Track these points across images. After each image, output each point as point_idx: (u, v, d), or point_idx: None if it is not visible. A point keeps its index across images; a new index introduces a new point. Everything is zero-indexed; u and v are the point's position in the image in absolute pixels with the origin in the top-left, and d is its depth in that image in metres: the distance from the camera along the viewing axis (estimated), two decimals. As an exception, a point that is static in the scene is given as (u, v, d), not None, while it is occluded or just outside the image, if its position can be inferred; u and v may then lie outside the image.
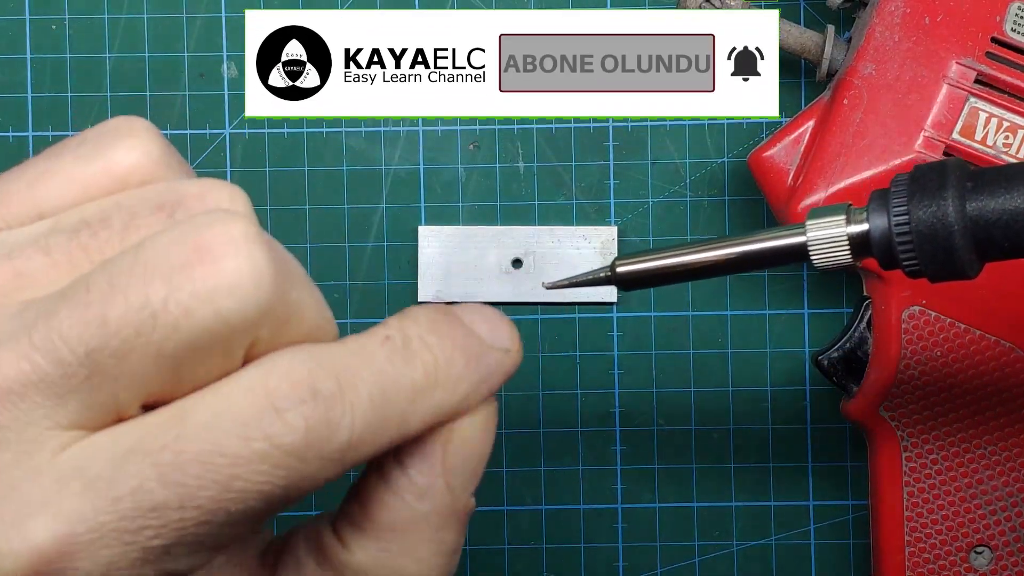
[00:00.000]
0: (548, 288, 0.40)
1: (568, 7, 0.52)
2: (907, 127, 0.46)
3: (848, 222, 0.37)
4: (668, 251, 0.38)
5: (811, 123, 0.48)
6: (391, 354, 0.31)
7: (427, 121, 0.52)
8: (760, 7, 0.50)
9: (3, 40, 0.52)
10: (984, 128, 0.46)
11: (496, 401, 0.34)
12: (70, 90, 0.52)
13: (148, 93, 0.52)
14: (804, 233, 0.37)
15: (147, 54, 0.52)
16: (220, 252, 0.28)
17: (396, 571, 0.33)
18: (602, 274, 0.38)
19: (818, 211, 0.37)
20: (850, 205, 0.37)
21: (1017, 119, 0.46)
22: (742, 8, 0.48)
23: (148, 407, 0.30)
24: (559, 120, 0.53)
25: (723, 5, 0.48)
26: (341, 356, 0.31)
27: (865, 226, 0.36)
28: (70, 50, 0.52)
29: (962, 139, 0.46)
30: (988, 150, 0.46)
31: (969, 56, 0.46)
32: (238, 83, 0.52)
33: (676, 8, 0.48)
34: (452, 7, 0.52)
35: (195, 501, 0.29)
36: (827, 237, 0.37)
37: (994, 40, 0.46)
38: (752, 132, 0.52)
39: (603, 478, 0.53)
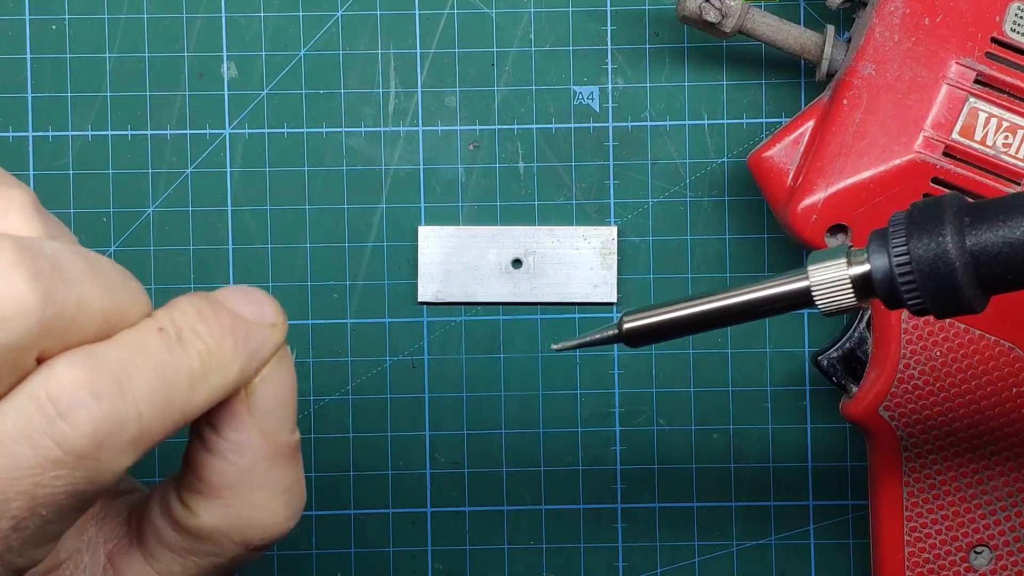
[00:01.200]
0: (556, 349, 0.40)
1: (566, 6, 0.52)
2: (907, 127, 0.46)
3: (849, 264, 0.37)
4: (674, 305, 0.38)
5: (811, 123, 0.48)
6: (167, 345, 0.33)
7: (427, 121, 0.53)
8: (760, 7, 0.50)
9: (3, 40, 0.52)
10: (984, 128, 0.46)
11: (283, 323, 0.36)
12: (70, 90, 0.52)
13: (148, 93, 0.52)
14: (807, 278, 0.37)
15: (147, 54, 0.52)
16: None
17: (244, 522, 0.36)
18: (610, 332, 0.39)
19: (818, 255, 0.37)
20: (850, 247, 0.37)
21: (1017, 119, 0.46)
22: (742, 9, 0.48)
23: None
24: (559, 120, 0.53)
25: (723, 6, 0.48)
26: (118, 353, 0.32)
27: (867, 267, 0.36)
28: (70, 50, 0.52)
29: (961, 139, 0.46)
30: (988, 150, 0.46)
31: (969, 56, 0.46)
32: (238, 83, 0.52)
33: (676, 9, 0.48)
34: (452, 8, 0.52)
35: (8, 513, 0.31)
36: (829, 281, 0.37)
37: (994, 40, 0.46)
38: (752, 132, 0.52)
39: (603, 478, 0.53)
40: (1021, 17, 0.46)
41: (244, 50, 0.52)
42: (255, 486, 0.36)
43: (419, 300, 0.52)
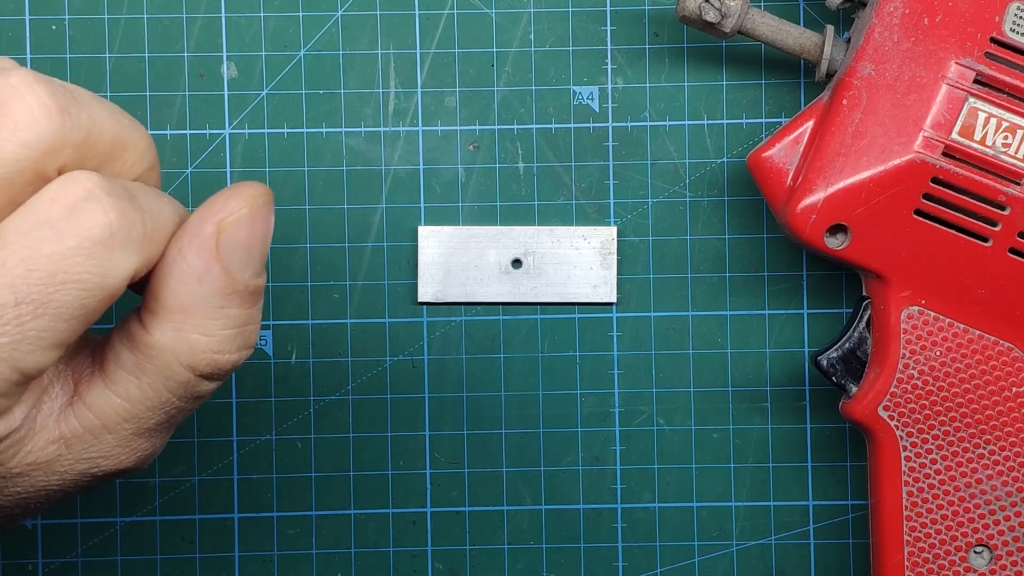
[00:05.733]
0: None
1: (566, 6, 0.52)
2: (906, 127, 0.46)
3: None
4: None
5: (810, 123, 0.48)
6: (147, 186, 0.38)
7: (427, 121, 0.53)
8: (760, 7, 0.50)
9: (3, 40, 0.52)
10: (983, 128, 0.46)
11: (269, 193, 0.39)
12: (70, 90, 0.52)
13: (148, 93, 0.52)
14: None
15: (147, 54, 0.52)
16: (9, 100, 0.35)
17: (192, 345, 0.38)
18: None
19: None
20: None
21: (1016, 119, 0.46)
22: (742, 9, 0.48)
23: None
24: (559, 120, 0.53)
25: (722, 6, 0.48)
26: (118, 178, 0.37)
27: None
28: (70, 50, 0.52)
29: (961, 139, 0.46)
30: (987, 150, 0.46)
31: (968, 56, 0.46)
32: (238, 83, 0.52)
33: (676, 9, 0.48)
34: (452, 8, 0.52)
35: (27, 296, 0.35)
36: None
37: (993, 40, 0.46)
38: (752, 132, 0.52)
39: (603, 478, 0.53)
40: (1021, 17, 0.46)
41: (244, 50, 0.52)
42: (207, 315, 0.38)
43: (419, 300, 0.53)
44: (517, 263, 0.52)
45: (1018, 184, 0.46)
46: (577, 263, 0.52)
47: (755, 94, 0.52)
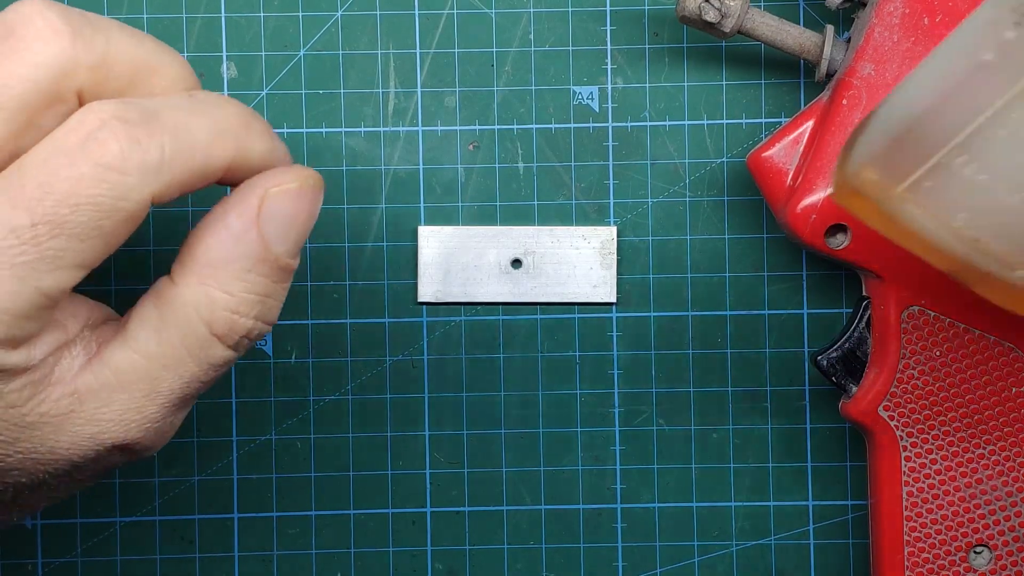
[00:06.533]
0: None
1: (566, 6, 0.52)
2: (906, 127, 0.46)
3: None
4: None
5: (810, 123, 0.48)
6: (192, 103, 0.39)
7: (427, 121, 0.53)
8: (760, 7, 0.50)
9: (3, 40, 0.52)
10: (983, 128, 0.46)
11: (321, 180, 0.41)
12: (70, 90, 0.52)
13: (148, 93, 0.52)
14: None
15: (147, 54, 0.52)
16: (21, 24, 0.37)
17: (212, 300, 0.39)
18: None
19: None
20: None
21: (1016, 119, 0.46)
22: (742, 9, 0.48)
23: None
24: (559, 120, 0.53)
25: (722, 6, 0.48)
26: (147, 100, 0.38)
27: None
28: (70, 50, 0.52)
29: None
30: (987, 150, 0.46)
31: (968, 56, 0.46)
32: (238, 83, 0.52)
33: (675, 9, 0.48)
34: (452, 8, 0.52)
35: (43, 218, 0.36)
36: None
37: (993, 40, 0.46)
38: (751, 132, 0.52)
39: (603, 478, 0.53)
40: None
41: (244, 50, 0.52)
42: (233, 274, 0.39)
43: (419, 300, 0.52)
44: (517, 263, 0.52)
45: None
46: (577, 263, 0.52)
47: (755, 94, 0.52)
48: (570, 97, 0.52)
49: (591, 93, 0.52)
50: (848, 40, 0.48)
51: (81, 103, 0.38)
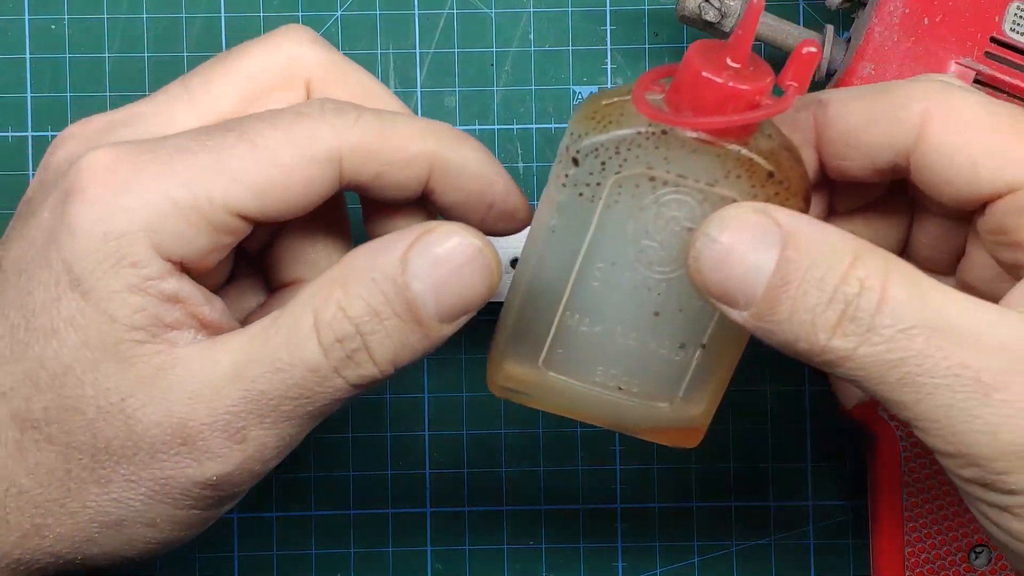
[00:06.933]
0: None
1: (566, 6, 0.52)
2: (906, 127, 0.46)
3: None
4: None
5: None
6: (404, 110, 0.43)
7: (427, 121, 0.53)
8: (759, 7, 0.50)
9: (3, 40, 0.52)
10: (983, 128, 0.46)
11: (486, 255, 0.38)
12: (69, 90, 0.52)
13: (148, 93, 0.52)
14: None
15: (147, 54, 0.52)
16: (282, 32, 0.42)
17: (329, 296, 0.38)
18: None
19: None
20: None
21: (1016, 119, 0.46)
22: (741, 9, 0.48)
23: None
24: (559, 120, 0.53)
25: (722, 6, 0.48)
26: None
27: None
28: (70, 50, 0.52)
29: None
30: (987, 150, 0.46)
31: (968, 56, 0.46)
32: (238, 83, 0.52)
33: (675, 8, 0.48)
34: (451, 8, 0.52)
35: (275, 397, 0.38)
36: None
37: (993, 40, 0.46)
38: (752, 132, 0.52)
39: (603, 479, 0.53)
40: (1020, 17, 0.46)
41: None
42: (358, 278, 0.38)
43: (419, 300, 0.52)
44: (517, 263, 0.52)
45: (1018, 184, 0.46)
46: (577, 263, 0.52)
47: (755, 94, 0.52)
48: (570, 97, 0.53)
49: (591, 93, 0.52)
50: (848, 40, 0.48)
51: (308, 95, 0.42)
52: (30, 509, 0.39)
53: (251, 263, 0.45)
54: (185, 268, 0.39)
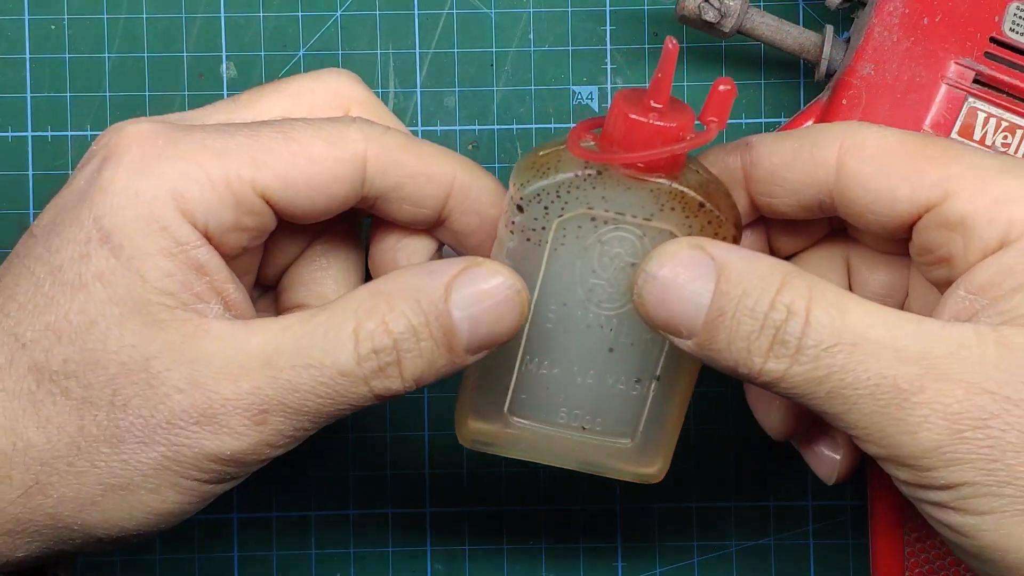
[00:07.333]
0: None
1: (566, 6, 0.52)
2: (906, 127, 0.46)
3: None
4: None
5: (810, 123, 0.48)
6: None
7: (426, 121, 0.53)
8: (760, 7, 0.50)
9: (3, 40, 0.52)
10: (983, 128, 0.46)
11: (521, 294, 0.39)
12: (69, 90, 0.52)
13: (147, 93, 0.52)
14: None
15: (146, 54, 0.52)
16: (331, 71, 0.44)
17: (374, 306, 0.39)
18: None
19: None
20: None
21: (1015, 119, 0.46)
22: (741, 9, 0.48)
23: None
24: (558, 120, 0.53)
25: (722, 6, 0.48)
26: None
27: None
28: (69, 50, 0.52)
29: (961, 139, 0.46)
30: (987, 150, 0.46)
31: (968, 56, 0.46)
32: (237, 83, 0.52)
33: (675, 9, 0.48)
34: (451, 8, 0.52)
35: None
36: None
37: (993, 40, 0.46)
38: (751, 132, 0.52)
39: (603, 479, 0.53)
40: (1020, 17, 0.46)
41: (243, 50, 0.52)
42: (404, 294, 0.39)
43: (418, 300, 0.52)
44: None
45: (1018, 184, 0.46)
46: (577, 263, 0.52)
47: (755, 94, 0.52)
48: (569, 97, 0.53)
49: (591, 93, 0.52)
50: (848, 40, 0.48)
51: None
52: (36, 466, 0.39)
53: (263, 293, 0.46)
54: (211, 242, 0.39)
